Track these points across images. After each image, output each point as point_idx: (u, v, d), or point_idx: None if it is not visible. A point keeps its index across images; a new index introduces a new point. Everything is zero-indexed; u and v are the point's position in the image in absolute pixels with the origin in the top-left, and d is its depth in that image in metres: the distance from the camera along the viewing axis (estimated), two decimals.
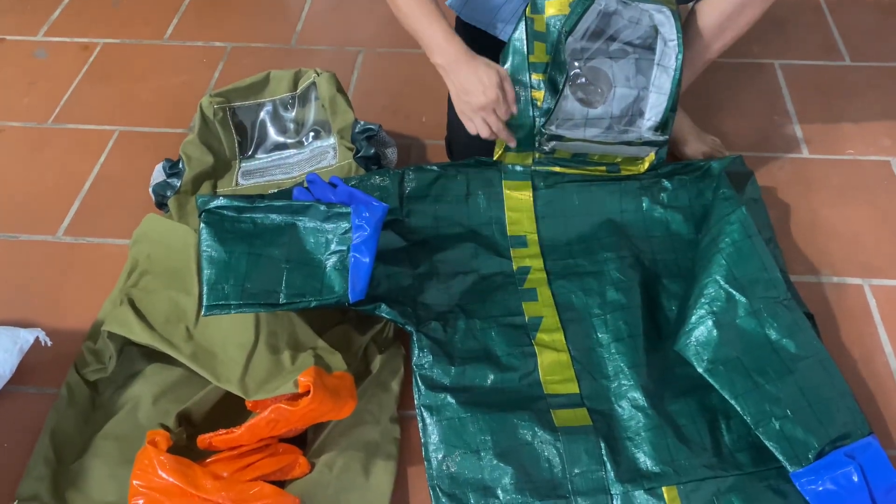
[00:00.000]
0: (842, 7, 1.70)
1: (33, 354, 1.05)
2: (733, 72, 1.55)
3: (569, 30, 1.09)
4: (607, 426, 0.97)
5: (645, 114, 1.16)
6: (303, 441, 0.98)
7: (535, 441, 0.95)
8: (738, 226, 1.02)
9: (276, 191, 1.16)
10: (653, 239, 1.16)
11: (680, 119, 1.32)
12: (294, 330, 1.01)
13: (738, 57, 1.56)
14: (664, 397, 0.99)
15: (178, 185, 1.23)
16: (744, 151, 1.34)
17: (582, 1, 1.09)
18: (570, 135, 1.13)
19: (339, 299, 0.98)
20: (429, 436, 0.96)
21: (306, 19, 1.72)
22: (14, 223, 1.30)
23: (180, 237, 1.11)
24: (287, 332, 1.01)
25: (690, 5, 1.18)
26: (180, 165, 1.25)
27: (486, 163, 1.18)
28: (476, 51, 1.07)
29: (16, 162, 1.41)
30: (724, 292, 0.98)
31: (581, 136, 1.14)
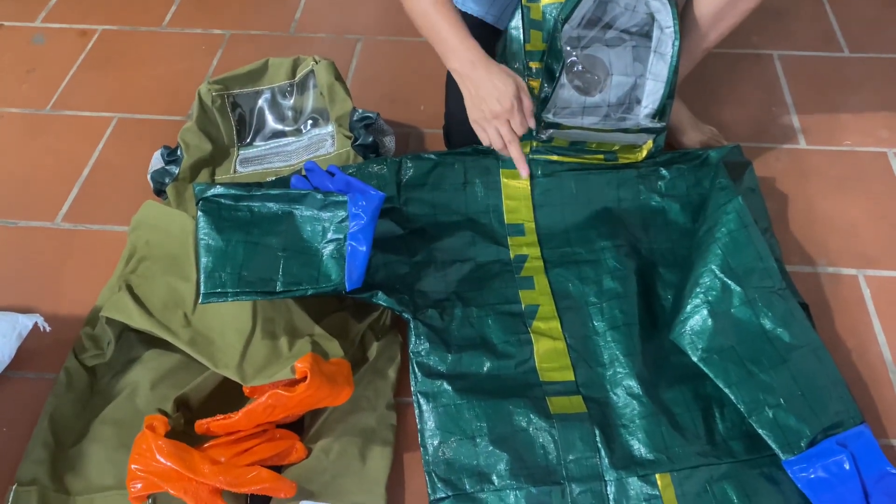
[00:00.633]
0: None
1: (32, 340, 1.06)
2: (732, 62, 1.55)
3: (565, 18, 1.09)
4: (602, 413, 0.97)
5: (642, 101, 1.16)
6: (300, 427, 0.99)
7: (530, 428, 0.95)
8: (734, 215, 1.02)
9: (273, 178, 1.16)
10: (650, 228, 1.17)
11: (678, 108, 1.32)
12: (291, 317, 1.02)
13: (737, 47, 1.56)
14: (659, 385, 1.00)
15: (177, 172, 1.23)
16: (741, 142, 1.34)
17: None
18: (568, 123, 1.13)
19: (336, 287, 0.98)
20: (425, 422, 0.97)
21: (305, 7, 1.72)
22: (13, 209, 1.30)
23: (178, 224, 1.12)
24: (284, 318, 1.01)
25: None
26: (178, 152, 1.26)
27: (483, 151, 1.18)
28: None
29: (14, 148, 1.41)
30: (720, 282, 0.98)
31: (578, 124, 1.14)
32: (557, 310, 1.08)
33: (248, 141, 1.32)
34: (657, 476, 0.92)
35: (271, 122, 1.33)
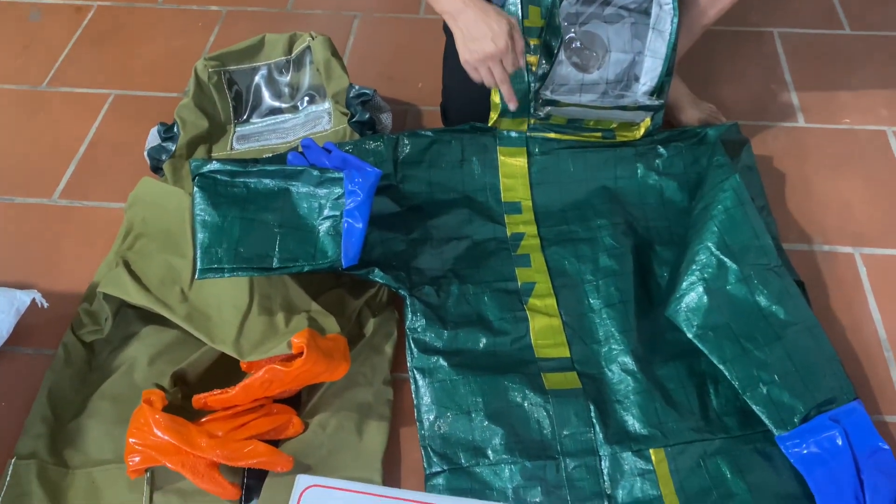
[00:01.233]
0: None
1: (30, 316, 1.06)
2: (731, 39, 1.54)
3: None
4: (597, 389, 0.98)
5: (640, 78, 1.16)
6: (297, 402, 0.99)
7: (525, 403, 0.96)
8: (730, 193, 1.02)
9: (270, 155, 1.16)
10: (646, 206, 1.16)
11: (676, 86, 1.31)
12: (288, 293, 1.02)
13: (737, 25, 1.55)
14: (653, 362, 1.00)
15: (173, 149, 1.23)
16: (740, 119, 1.33)
17: None
18: (566, 100, 1.13)
19: (332, 264, 0.98)
20: (421, 397, 0.97)
21: None
22: (9, 186, 1.30)
23: (175, 200, 1.11)
24: (281, 294, 1.01)
25: None
26: (175, 129, 1.25)
27: (481, 129, 1.17)
28: None
29: (10, 125, 1.41)
30: (716, 259, 0.98)
31: (576, 101, 1.14)
32: (553, 287, 1.08)
33: (244, 118, 1.32)
34: (651, 451, 0.93)
35: (268, 99, 1.32)
